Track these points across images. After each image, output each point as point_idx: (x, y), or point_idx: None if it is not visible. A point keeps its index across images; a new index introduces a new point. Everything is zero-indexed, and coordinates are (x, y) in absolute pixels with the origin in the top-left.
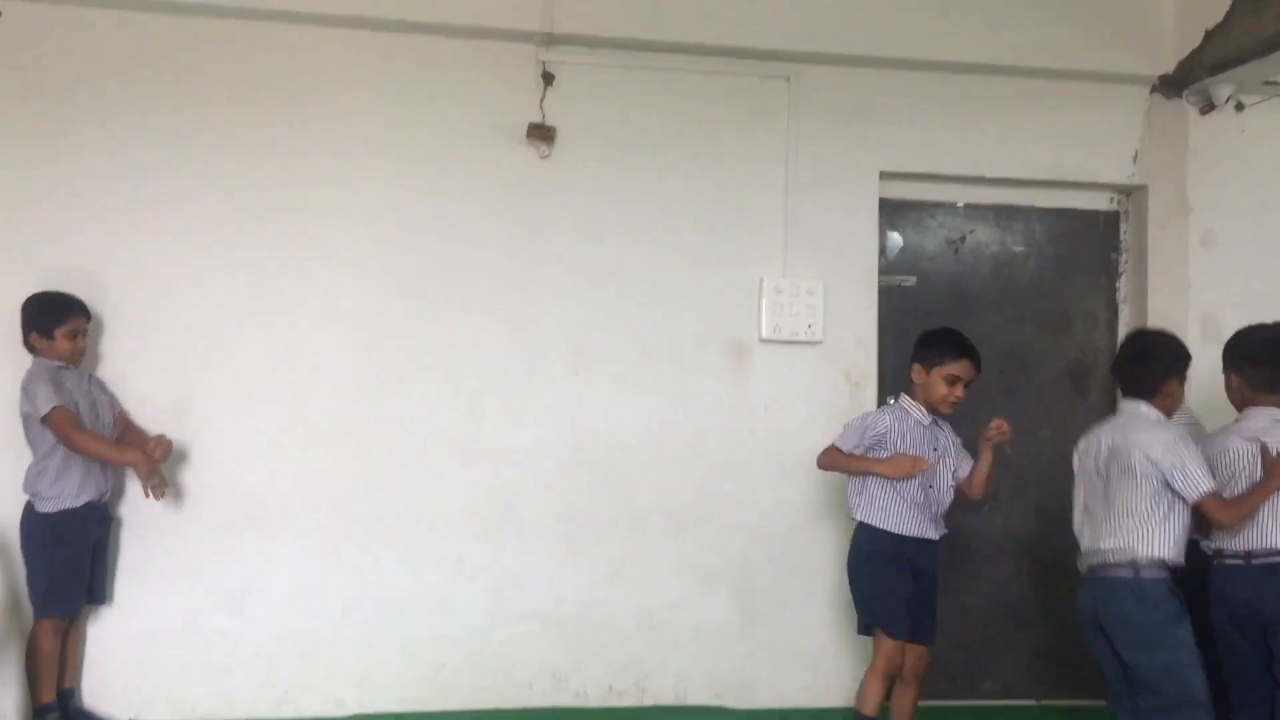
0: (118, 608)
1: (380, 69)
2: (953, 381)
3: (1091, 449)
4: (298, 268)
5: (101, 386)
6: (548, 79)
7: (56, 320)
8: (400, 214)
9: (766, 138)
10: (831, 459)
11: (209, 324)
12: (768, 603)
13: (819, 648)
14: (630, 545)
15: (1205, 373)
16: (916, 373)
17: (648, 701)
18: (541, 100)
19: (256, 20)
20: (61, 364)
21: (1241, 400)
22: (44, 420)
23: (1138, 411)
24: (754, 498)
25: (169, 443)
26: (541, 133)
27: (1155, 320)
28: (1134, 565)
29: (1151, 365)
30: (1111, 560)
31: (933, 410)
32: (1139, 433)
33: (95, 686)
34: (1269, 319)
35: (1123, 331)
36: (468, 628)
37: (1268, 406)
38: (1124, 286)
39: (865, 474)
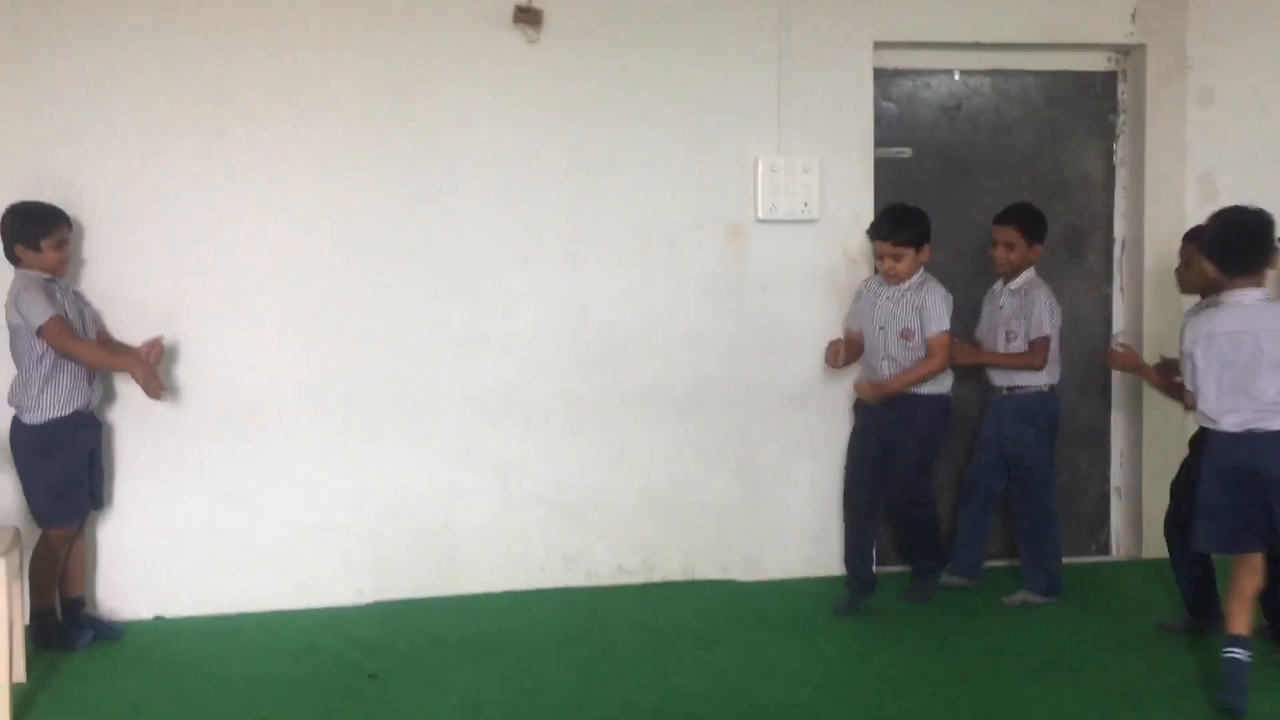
0: (135, 509)
1: None
2: None
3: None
4: (286, 167)
5: (85, 300)
6: None
7: (43, 231)
8: (387, 106)
9: (759, 11)
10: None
11: (199, 227)
12: (770, 479)
13: (821, 521)
14: (633, 428)
15: None
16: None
17: (657, 578)
18: None
19: None
20: (49, 276)
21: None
22: (39, 331)
23: None
24: (754, 377)
25: (162, 345)
26: (528, 16)
27: (1152, 181)
28: None
29: None
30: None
31: None
32: None
33: (117, 585)
34: (1265, 177)
35: (1120, 195)
36: (478, 514)
37: None
38: (1121, 149)
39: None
